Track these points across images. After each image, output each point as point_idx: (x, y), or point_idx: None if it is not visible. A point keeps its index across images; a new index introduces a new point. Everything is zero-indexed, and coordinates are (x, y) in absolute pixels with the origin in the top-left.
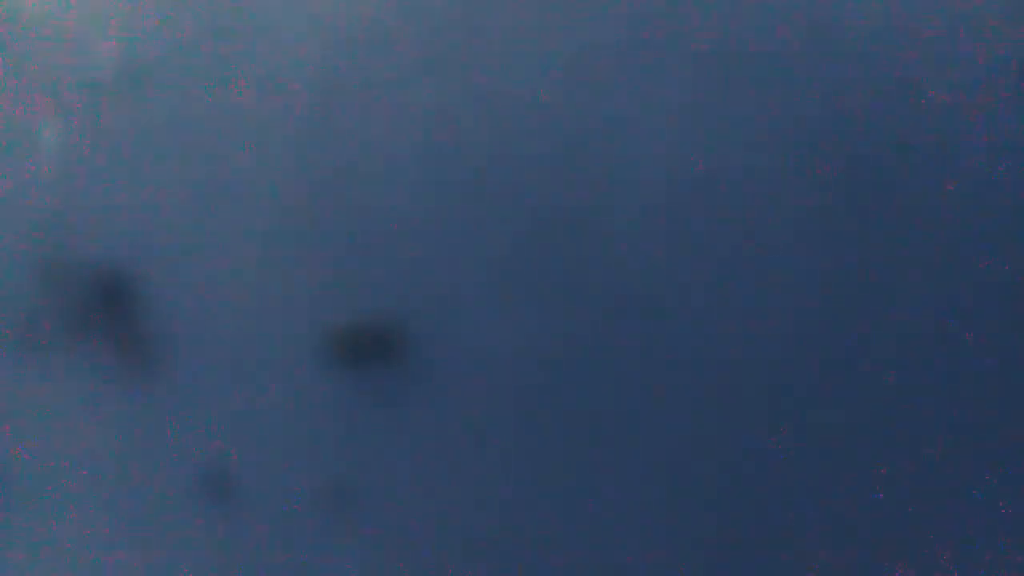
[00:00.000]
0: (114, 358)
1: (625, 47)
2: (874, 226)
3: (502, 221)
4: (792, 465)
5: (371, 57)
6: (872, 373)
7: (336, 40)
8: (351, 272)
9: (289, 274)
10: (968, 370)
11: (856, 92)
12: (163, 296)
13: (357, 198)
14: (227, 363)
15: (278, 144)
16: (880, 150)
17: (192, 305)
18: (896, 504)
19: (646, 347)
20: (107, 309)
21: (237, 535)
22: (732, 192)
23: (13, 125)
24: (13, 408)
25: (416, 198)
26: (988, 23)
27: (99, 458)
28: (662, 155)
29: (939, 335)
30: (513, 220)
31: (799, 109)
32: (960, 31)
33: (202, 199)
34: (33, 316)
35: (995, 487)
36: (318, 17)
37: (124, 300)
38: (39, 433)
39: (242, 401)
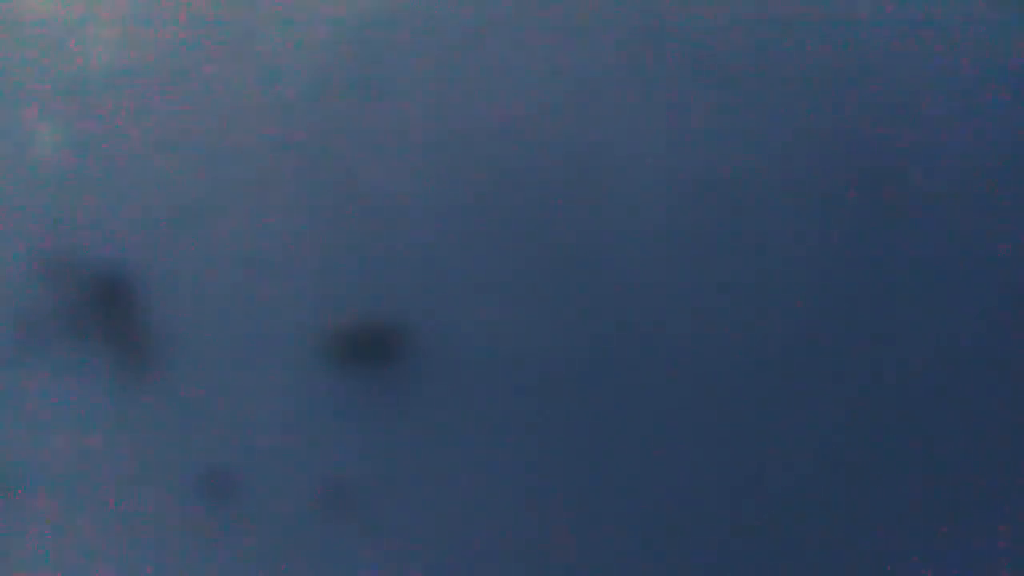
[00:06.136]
0: (115, 358)
1: (628, 57)
2: (878, 234)
3: (504, 222)
4: (795, 467)
5: (374, 59)
6: (875, 376)
7: (339, 41)
8: (353, 272)
9: (291, 274)
10: (970, 372)
11: (860, 102)
12: (163, 296)
13: (358, 199)
14: (228, 363)
15: (279, 144)
16: (883, 159)
17: (193, 305)
18: (896, 505)
19: (648, 347)
20: (107, 309)
21: (238, 535)
22: (735, 196)
23: (13, 125)
24: (13, 408)
25: (418, 199)
26: (991, 31)
27: (100, 458)
28: (664, 159)
29: (941, 338)
30: (516, 221)
31: (803, 118)
32: (963, 38)
33: (202, 199)
34: (33, 316)
35: (996, 488)
36: (320, 19)
37: (124, 300)
38: (39, 433)
39: (243, 401)
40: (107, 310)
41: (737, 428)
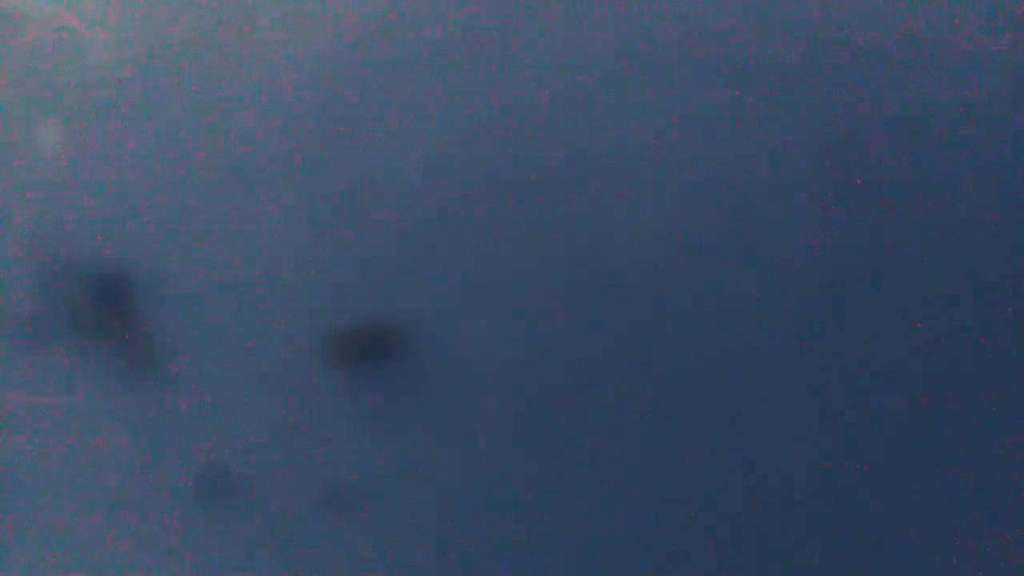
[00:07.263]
0: (115, 358)
1: (629, 52)
2: (879, 231)
3: (506, 222)
4: (794, 467)
5: (374, 58)
6: (874, 375)
7: (340, 41)
8: (353, 272)
9: (291, 274)
10: (969, 371)
11: (861, 98)
12: (163, 297)
13: (359, 199)
14: (228, 363)
15: (280, 145)
16: (884, 156)
17: (193, 305)
18: (895, 505)
19: (652, 347)
20: (107, 309)
21: (238, 535)
22: (736, 195)
23: (13, 125)
24: (14, 408)
25: (418, 200)
26: (992, 28)
27: (100, 458)
28: (666, 157)
29: (941, 337)
30: (517, 221)
31: (804, 114)
32: (964, 35)
33: (203, 199)
34: (35, 317)
35: (996, 487)
36: (321, 18)
37: (124, 300)
38: (40, 433)
39: (243, 401)
40: (107, 310)
41: (737, 426)
